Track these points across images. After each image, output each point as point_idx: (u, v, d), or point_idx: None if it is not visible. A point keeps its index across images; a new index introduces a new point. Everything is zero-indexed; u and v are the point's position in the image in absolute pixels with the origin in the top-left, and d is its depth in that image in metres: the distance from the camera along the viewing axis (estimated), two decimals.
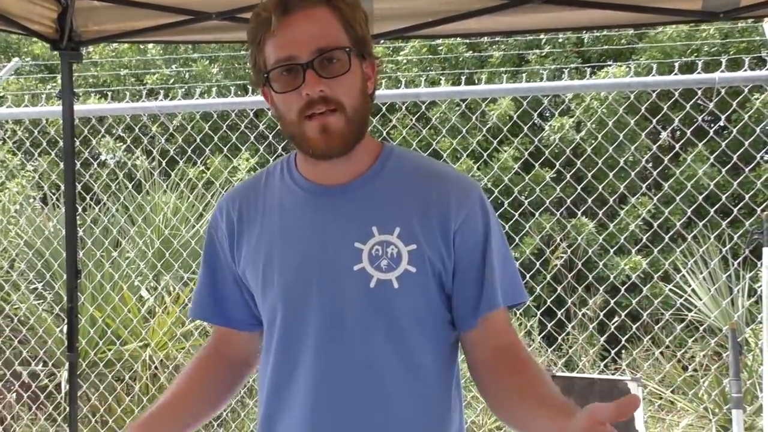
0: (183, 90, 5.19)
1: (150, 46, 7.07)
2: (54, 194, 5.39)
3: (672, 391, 4.15)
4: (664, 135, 6.10)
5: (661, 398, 4.19)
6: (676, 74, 3.18)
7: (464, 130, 4.98)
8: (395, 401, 1.29)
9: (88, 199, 4.95)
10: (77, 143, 5.60)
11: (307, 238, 1.32)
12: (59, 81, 3.21)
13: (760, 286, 2.95)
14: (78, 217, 4.71)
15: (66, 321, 2.89)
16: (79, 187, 4.64)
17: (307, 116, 1.24)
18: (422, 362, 1.30)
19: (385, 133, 5.14)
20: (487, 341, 1.32)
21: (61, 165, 4.42)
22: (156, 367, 4.38)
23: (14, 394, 4.49)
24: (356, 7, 1.29)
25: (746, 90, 3.76)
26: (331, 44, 1.24)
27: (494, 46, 6.69)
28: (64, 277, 2.87)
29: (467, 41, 6.34)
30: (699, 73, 3.14)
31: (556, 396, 1.21)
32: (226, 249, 1.41)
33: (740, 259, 3.88)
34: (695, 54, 5.70)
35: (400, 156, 1.38)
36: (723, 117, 3.96)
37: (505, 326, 1.34)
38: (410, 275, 1.28)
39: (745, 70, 3.08)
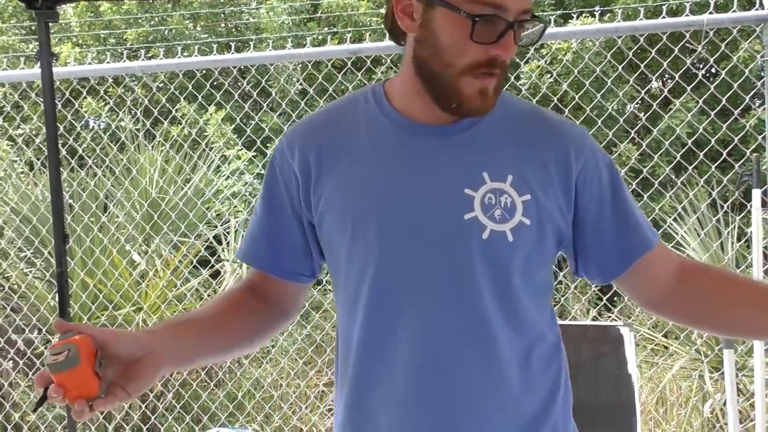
0: (164, 49, 5.09)
1: (126, 2, 6.93)
2: (39, 159, 5.33)
3: (664, 336, 4.19)
4: (654, 84, 6.05)
5: (653, 343, 4.23)
6: (664, 17, 3.14)
7: None
8: (505, 360, 1.18)
9: (73, 163, 4.89)
10: (59, 106, 5.52)
11: (409, 182, 1.17)
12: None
13: (750, 227, 2.95)
14: (64, 182, 4.67)
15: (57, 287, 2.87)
16: (63, 151, 4.58)
17: (474, 72, 1.12)
18: (530, 322, 1.21)
19: None
20: (655, 279, 1.28)
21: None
22: None
23: (11, 362, 4.50)
24: None
25: (735, 31, 3.72)
26: (530, 6, 1.12)
27: None
28: (54, 243, 2.83)
29: None
30: (687, 15, 3.09)
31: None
32: (293, 191, 1.26)
33: (729, 202, 3.88)
34: None
35: (503, 98, 1.23)
36: (712, 60, 3.91)
37: (667, 258, 1.29)
38: (525, 228, 1.16)
39: (734, 11, 3.04)
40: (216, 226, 5.10)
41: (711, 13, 2.99)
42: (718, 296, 1.26)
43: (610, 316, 4.52)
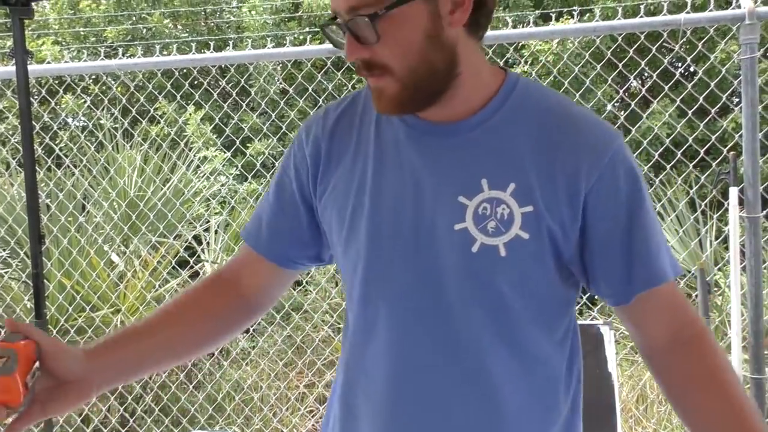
0: (142, 47, 5.05)
1: (104, 1, 6.87)
2: (15, 158, 5.26)
3: None
4: (633, 83, 6.10)
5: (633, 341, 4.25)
6: (641, 17, 3.15)
7: None
8: (493, 379, 1.10)
9: (50, 162, 4.83)
10: (36, 104, 5.45)
11: (403, 182, 1.12)
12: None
13: (728, 226, 2.98)
14: (41, 182, 4.61)
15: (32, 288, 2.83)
16: (40, 150, 4.52)
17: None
18: (524, 339, 1.12)
19: (350, 86, 5.06)
20: (654, 324, 1.14)
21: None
22: None
23: None
24: None
25: (711, 30, 3.75)
26: (364, 2, 1.03)
27: None
28: (29, 243, 2.80)
29: None
30: (665, 14, 3.10)
31: (753, 424, 1.07)
32: (303, 177, 1.23)
33: (707, 200, 3.91)
34: None
35: (526, 90, 1.14)
36: (689, 59, 3.94)
37: (673, 306, 1.15)
38: (521, 242, 1.07)
39: (711, 10, 3.06)
40: (195, 227, 5.07)
41: (688, 12, 3.01)
42: (689, 389, 1.13)
43: (590, 314, 4.54)
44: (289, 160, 1.26)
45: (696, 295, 3.04)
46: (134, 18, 7.11)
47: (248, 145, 5.51)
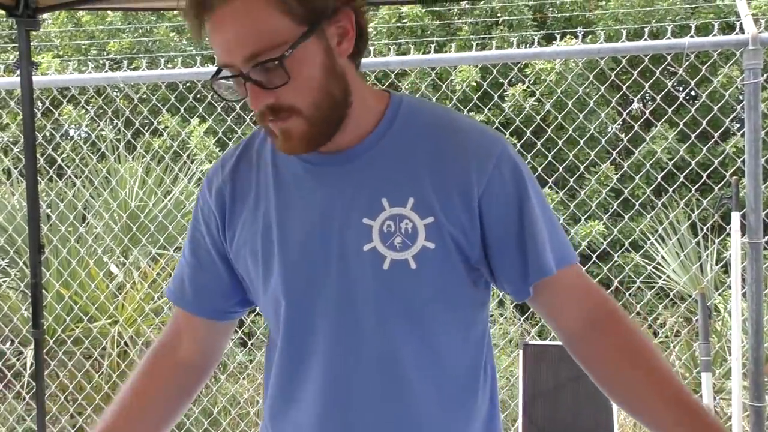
0: (146, 60, 5.07)
1: (109, 14, 6.91)
2: (17, 168, 5.27)
3: None
4: (636, 105, 6.11)
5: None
6: (646, 39, 3.17)
7: (434, 99, 4.95)
8: (415, 392, 1.14)
9: (51, 173, 4.84)
10: (39, 115, 5.46)
11: (309, 215, 1.15)
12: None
13: (729, 251, 2.97)
14: (42, 192, 4.61)
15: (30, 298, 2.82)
16: (42, 160, 4.53)
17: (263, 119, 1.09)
18: (445, 346, 1.16)
19: None
20: (562, 309, 1.19)
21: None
22: (125, 344, 4.32)
23: None
24: None
25: (716, 54, 3.76)
26: (264, 45, 1.02)
27: (462, 19, 6.66)
28: (29, 253, 2.79)
29: (435, 9, 6.29)
30: (669, 38, 3.12)
31: (684, 394, 1.10)
32: (213, 229, 1.25)
33: (709, 225, 3.91)
34: (665, 19, 5.70)
35: (410, 108, 1.18)
36: (693, 83, 3.95)
37: (578, 289, 1.19)
38: (428, 252, 1.11)
39: (715, 35, 3.07)
40: None
41: (692, 36, 3.02)
42: (612, 364, 1.16)
43: None
44: (198, 216, 1.28)
45: (696, 320, 3.03)
46: (139, 31, 7.14)
47: None
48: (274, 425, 1.24)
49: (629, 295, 4.11)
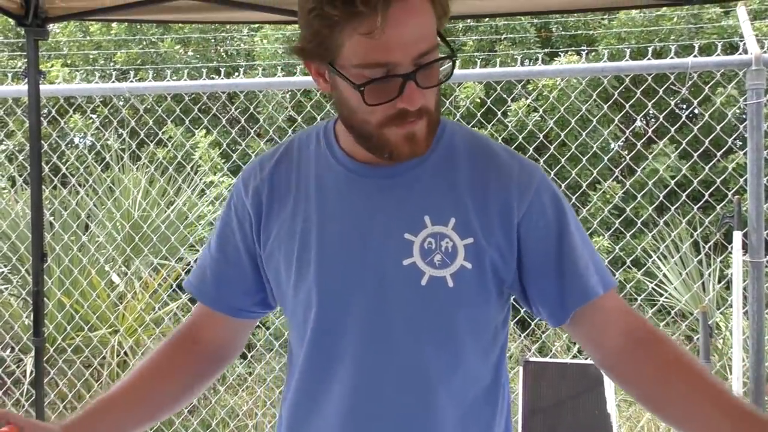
0: (153, 71, 5.10)
1: (115, 25, 6.95)
2: (21, 176, 5.29)
3: None
4: (638, 123, 6.13)
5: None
6: (649, 59, 3.19)
7: None
8: (440, 405, 1.15)
9: (56, 181, 4.86)
10: (44, 123, 5.48)
11: (350, 225, 1.16)
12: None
13: (730, 269, 2.97)
14: (46, 200, 4.63)
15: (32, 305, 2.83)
16: (47, 168, 4.55)
17: (391, 123, 1.07)
18: (471, 364, 1.17)
19: None
20: (605, 330, 1.18)
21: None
22: (125, 353, 4.32)
23: None
24: None
25: (718, 75, 3.78)
26: (431, 45, 1.03)
27: (467, 35, 6.69)
28: (31, 260, 2.80)
29: None
30: (672, 57, 3.14)
31: (732, 396, 1.09)
32: (246, 228, 1.26)
33: (711, 243, 3.91)
34: (667, 38, 5.73)
35: (452, 131, 1.21)
36: (696, 102, 3.97)
37: (618, 313, 1.19)
38: (466, 272, 1.13)
39: (718, 55, 3.08)
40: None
41: (695, 56, 3.03)
42: (662, 379, 1.13)
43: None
44: (230, 212, 1.29)
45: (697, 338, 3.02)
46: (145, 43, 7.18)
47: None
48: (295, 425, 1.23)
49: None
